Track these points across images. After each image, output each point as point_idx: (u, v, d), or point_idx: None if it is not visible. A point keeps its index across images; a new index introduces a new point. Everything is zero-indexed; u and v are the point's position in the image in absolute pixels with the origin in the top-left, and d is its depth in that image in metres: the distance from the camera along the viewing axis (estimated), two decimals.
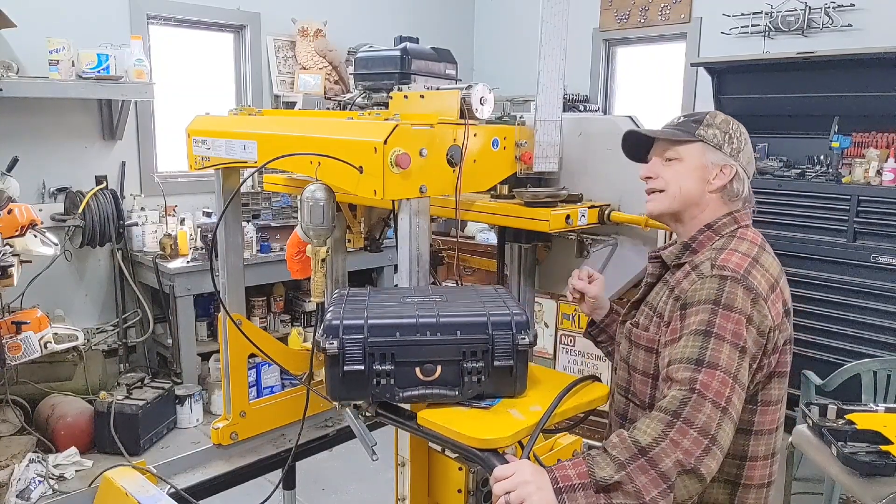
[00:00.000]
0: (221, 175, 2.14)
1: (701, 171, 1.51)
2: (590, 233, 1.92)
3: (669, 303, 1.45)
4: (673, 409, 1.24)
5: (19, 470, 3.20)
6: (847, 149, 3.99)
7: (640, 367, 1.52)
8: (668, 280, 1.52)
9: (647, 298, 1.57)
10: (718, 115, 1.56)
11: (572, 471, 1.24)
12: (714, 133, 1.52)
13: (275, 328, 4.81)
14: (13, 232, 3.16)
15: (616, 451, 1.24)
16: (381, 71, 2.05)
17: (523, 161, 1.86)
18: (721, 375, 1.26)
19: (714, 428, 1.22)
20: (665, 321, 1.45)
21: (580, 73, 5.70)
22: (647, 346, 1.49)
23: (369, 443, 1.61)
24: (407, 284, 1.66)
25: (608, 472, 1.21)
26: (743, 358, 1.31)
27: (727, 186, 1.51)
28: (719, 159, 1.51)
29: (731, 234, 1.50)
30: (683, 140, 1.52)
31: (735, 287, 1.35)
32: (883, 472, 2.31)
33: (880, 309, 3.65)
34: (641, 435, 1.23)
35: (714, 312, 1.33)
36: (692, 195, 1.52)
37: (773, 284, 1.42)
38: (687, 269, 1.47)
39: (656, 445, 1.21)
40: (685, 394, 1.25)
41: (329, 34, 5.25)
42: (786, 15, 4.57)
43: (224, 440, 2.17)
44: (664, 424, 1.23)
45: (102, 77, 3.94)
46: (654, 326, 1.49)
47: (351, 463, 3.43)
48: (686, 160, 1.52)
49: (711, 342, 1.30)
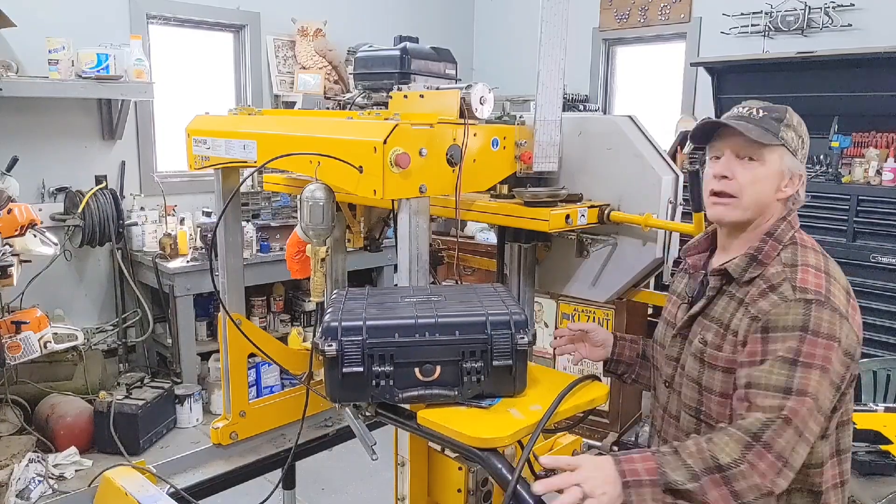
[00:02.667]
0: (221, 175, 2.14)
1: (777, 178, 1.43)
2: (589, 232, 1.91)
3: (745, 321, 1.38)
4: (754, 432, 1.25)
5: (19, 470, 3.20)
6: (847, 148, 3.99)
7: (717, 389, 1.43)
8: (734, 294, 1.44)
9: (711, 313, 1.48)
10: (793, 113, 1.46)
11: (640, 465, 1.25)
12: (792, 136, 1.43)
13: (274, 328, 4.82)
14: (13, 231, 3.16)
15: (692, 459, 1.25)
16: (380, 71, 2.05)
17: (523, 161, 1.86)
18: (809, 402, 1.27)
19: (790, 453, 1.25)
20: (740, 340, 1.39)
21: (580, 73, 5.70)
22: (726, 366, 1.41)
23: (369, 442, 1.61)
24: (406, 284, 1.66)
25: (681, 477, 1.23)
26: (831, 384, 1.30)
27: (794, 195, 1.45)
28: (795, 166, 1.43)
29: (791, 240, 1.44)
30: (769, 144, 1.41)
31: (820, 311, 1.31)
32: (883, 472, 2.31)
33: (880, 309, 3.65)
34: (720, 452, 1.24)
35: (802, 340, 1.30)
36: (765, 202, 1.44)
37: (847, 293, 1.39)
38: (762, 287, 1.39)
39: (735, 466, 1.23)
40: (769, 418, 1.26)
41: (329, 34, 5.25)
42: (785, 15, 4.57)
43: (224, 440, 2.17)
44: (743, 446, 1.24)
45: (102, 77, 3.94)
46: (728, 345, 1.41)
47: (351, 462, 3.43)
48: (767, 164, 1.42)
49: (799, 370, 1.28)
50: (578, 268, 1.99)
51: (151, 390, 3.86)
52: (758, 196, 1.42)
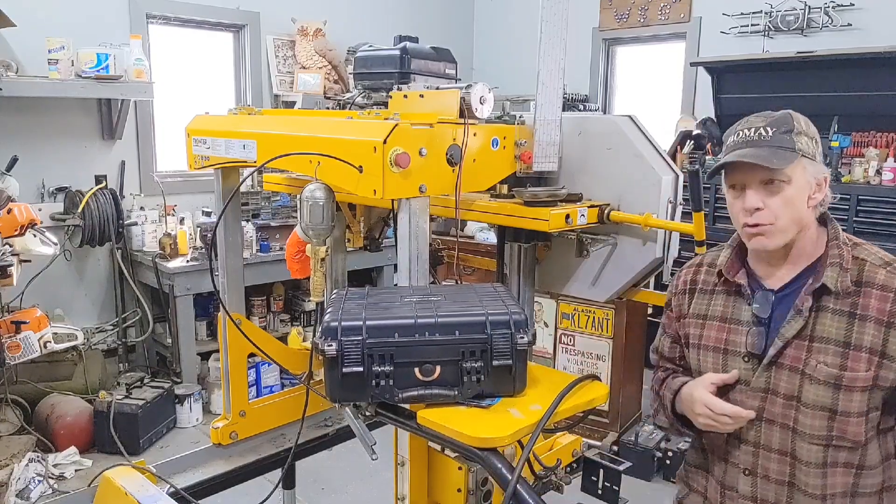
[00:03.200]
0: (221, 174, 2.14)
1: (807, 190, 1.37)
2: (589, 232, 1.92)
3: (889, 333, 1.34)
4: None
5: (19, 469, 3.19)
6: (847, 148, 3.99)
7: (855, 410, 1.36)
8: (839, 309, 1.37)
9: (815, 334, 1.39)
10: (797, 115, 1.40)
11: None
12: (806, 141, 1.37)
13: (274, 328, 4.81)
14: (13, 231, 3.16)
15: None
16: (380, 70, 2.05)
17: (523, 160, 1.86)
18: None
19: None
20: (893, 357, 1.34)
21: (580, 73, 5.70)
22: (863, 386, 1.36)
23: (369, 442, 1.61)
24: (406, 284, 1.66)
25: None
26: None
27: (822, 200, 1.40)
28: (818, 171, 1.38)
29: (845, 239, 1.43)
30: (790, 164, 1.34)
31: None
32: None
33: None
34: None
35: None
36: (801, 218, 1.38)
37: None
38: (883, 295, 1.35)
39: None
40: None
41: (329, 33, 5.25)
42: (785, 14, 4.57)
43: (224, 440, 2.17)
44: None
45: (102, 76, 3.94)
46: (862, 363, 1.35)
47: (350, 462, 3.43)
48: (794, 182, 1.36)
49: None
50: (578, 267, 1.99)
51: (151, 390, 3.86)
52: (793, 215, 1.37)
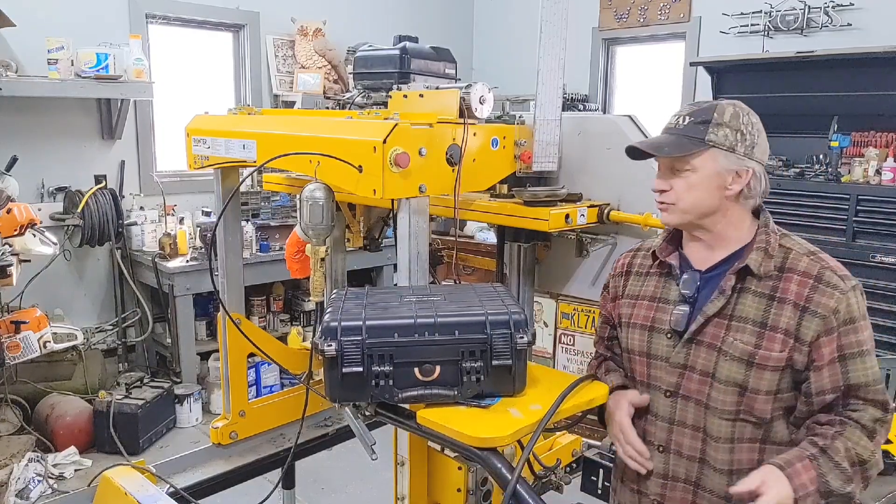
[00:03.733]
0: (221, 174, 2.14)
1: (716, 179, 1.42)
2: (589, 232, 1.92)
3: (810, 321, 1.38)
4: (872, 427, 1.38)
5: (18, 469, 3.19)
6: (846, 148, 3.99)
7: (763, 388, 1.40)
8: (759, 291, 1.42)
9: (735, 313, 1.44)
10: (727, 108, 1.43)
11: (805, 476, 1.34)
12: (725, 134, 1.41)
13: (274, 327, 4.81)
14: (12, 231, 3.16)
15: (845, 462, 1.35)
16: (380, 70, 2.05)
17: (523, 160, 1.86)
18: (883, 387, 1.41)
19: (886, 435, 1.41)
20: (807, 341, 1.38)
21: (580, 73, 5.70)
22: (775, 366, 1.39)
23: (369, 442, 1.61)
24: (406, 284, 1.66)
25: (839, 483, 1.34)
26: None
27: (744, 190, 1.43)
28: (734, 164, 1.41)
29: (776, 229, 1.50)
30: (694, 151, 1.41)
31: (861, 293, 1.43)
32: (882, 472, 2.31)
33: (879, 308, 3.65)
34: (862, 450, 1.36)
35: (866, 328, 1.41)
36: (709, 206, 1.44)
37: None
38: (805, 281, 1.40)
39: (870, 459, 1.37)
40: (881, 413, 1.39)
41: (328, 33, 5.25)
42: (785, 14, 4.57)
43: (223, 439, 2.17)
44: (872, 441, 1.38)
45: (101, 76, 3.94)
46: (776, 343, 1.39)
47: (350, 462, 3.43)
48: (699, 170, 1.42)
49: (872, 359, 1.40)
50: (578, 267, 1.99)
51: (151, 390, 3.86)
52: (696, 201, 1.44)
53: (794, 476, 1.32)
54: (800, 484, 1.32)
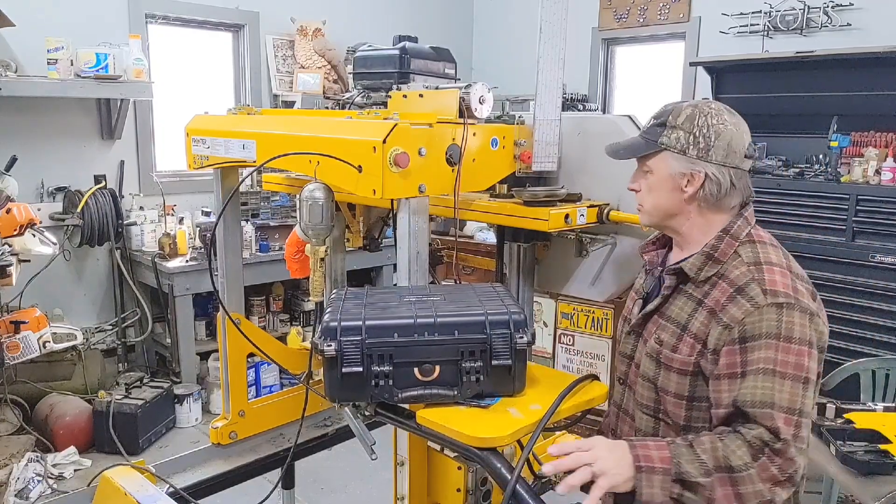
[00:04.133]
0: (220, 174, 2.14)
1: (670, 182, 1.43)
2: (589, 232, 1.91)
3: (716, 329, 1.36)
4: (758, 447, 1.26)
5: (18, 469, 3.19)
6: (846, 148, 3.99)
7: (671, 390, 1.43)
8: (693, 294, 1.43)
9: (667, 312, 1.47)
10: (683, 110, 1.43)
11: (655, 453, 1.28)
12: (678, 136, 1.41)
13: (274, 327, 4.81)
14: (12, 231, 3.16)
15: (706, 455, 1.27)
16: (380, 70, 2.05)
17: (522, 160, 1.86)
18: (787, 417, 1.27)
19: (793, 468, 1.26)
20: (710, 348, 1.36)
21: (579, 73, 5.70)
22: (681, 368, 1.41)
23: (368, 442, 1.61)
24: (406, 284, 1.66)
25: (694, 470, 1.26)
26: (806, 388, 1.30)
27: (700, 193, 1.41)
28: (684, 166, 1.41)
29: (748, 238, 1.43)
30: (648, 153, 1.45)
31: (791, 314, 1.31)
32: (881, 471, 2.31)
33: (879, 308, 3.65)
34: (732, 454, 1.26)
35: (777, 348, 1.30)
36: (668, 208, 1.46)
37: (812, 293, 1.40)
38: (728, 290, 1.37)
39: (744, 470, 1.25)
40: (770, 437, 1.26)
41: (328, 33, 5.25)
42: (784, 14, 4.57)
43: (223, 439, 2.17)
44: (751, 455, 1.26)
45: (101, 76, 3.94)
46: (686, 347, 1.40)
47: (350, 462, 3.43)
48: (655, 172, 1.45)
49: (776, 382, 1.29)
50: (578, 267, 1.99)
51: (150, 390, 3.86)
52: (655, 202, 1.47)
53: (641, 447, 1.28)
54: (644, 455, 1.26)
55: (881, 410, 2.61)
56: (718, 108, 1.43)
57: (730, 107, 1.48)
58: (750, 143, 1.43)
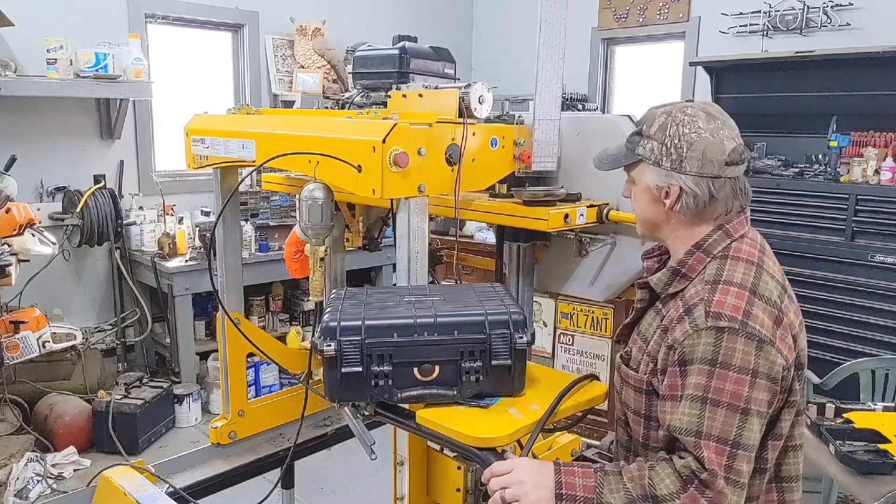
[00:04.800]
0: (220, 174, 2.14)
1: (649, 193, 1.38)
2: (588, 232, 1.92)
3: (662, 348, 1.32)
4: (686, 476, 1.20)
5: (17, 469, 3.19)
6: (845, 148, 3.99)
7: (631, 405, 1.42)
8: (660, 310, 1.39)
9: (640, 326, 1.45)
10: (657, 118, 1.35)
11: (580, 480, 1.24)
12: (652, 147, 1.34)
13: (273, 327, 4.81)
14: (11, 231, 3.16)
15: (631, 484, 1.22)
16: (379, 70, 2.05)
17: (522, 160, 1.86)
18: (718, 447, 1.20)
19: (725, 501, 1.19)
20: (659, 367, 1.32)
21: (579, 72, 5.70)
22: (636, 385, 1.39)
23: (368, 442, 1.61)
24: (405, 283, 1.66)
25: (617, 500, 1.21)
26: (745, 419, 1.21)
27: (676, 207, 1.35)
28: (661, 179, 1.34)
29: (723, 252, 1.33)
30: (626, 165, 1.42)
31: (733, 340, 1.22)
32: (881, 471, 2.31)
33: (879, 308, 3.65)
34: (659, 482, 1.21)
35: (710, 374, 1.22)
36: (652, 219, 1.41)
37: (777, 318, 1.27)
38: (679, 308, 1.31)
39: (669, 500, 1.19)
40: (697, 466, 1.20)
41: (327, 33, 5.25)
42: (784, 14, 4.57)
43: (223, 439, 2.17)
44: (679, 485, 1.20)
45: (100, 76, 3.94)
46: (644, 365, 1.37)
47: (349, 462, 3.43)
48: (638, 183, 1.40)
49: (707, 410, 1.21)
50: (577, 267, 1.99)
51: (150, 390, 3.86)
52: (640, 212, 1.44)
53: (566, 474, 1.24)
54: (567, 482, 1.23)
55: (881, 410, 2.60)
56: (694, 114, 1.32)
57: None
58: (735, 147, 1.31)
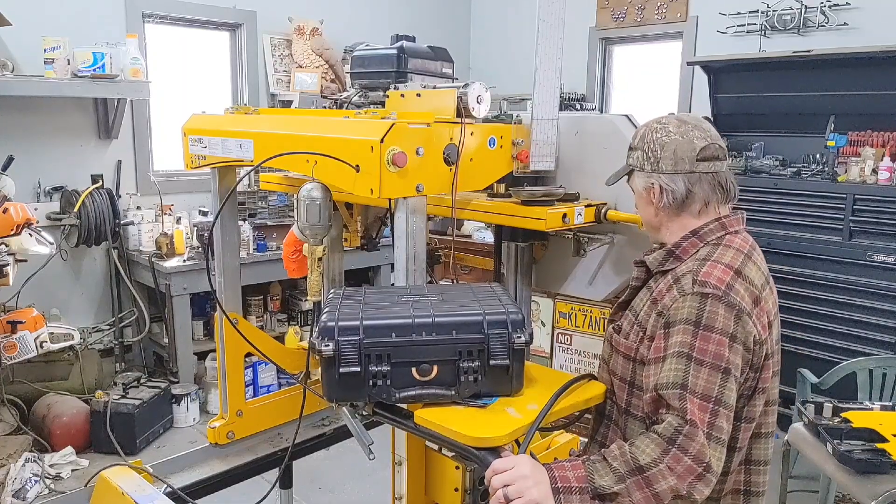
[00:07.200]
0: (218, 174, 2.13)
1: (645, 197, 1.54)
2: (586, 231, 1.92)
3: (652, 316, 1.44)
4: (668, 436, 1.28)
5: (15, 469, 3.19)
6: (843, 147, 3.99)
7: (618, 373, 1.52)
8: (651, 287, 1.50)
9: (632, 303, 1.56)
10: (639, 131, 1.54)
11: (571, 473, 1.30)
12: (637, 156, 1.53)
13: (271, 327, 4.81)
14: (8, 231, 3.15)
15: (616, 462, 1.29)
16: (377, 69, 2.04)
17: (520, 160, 1.86)
18: (702, 403, 1.29)
19: (707, 456, 1.27)
20: (648, 335, 1.44)
21: (577, 72, 5.70)
22: (625, 353, 1.50)
23: (366, 441, 1.61)
24: (403, 283, 1.66)
25: (607, 481, 1.28)
26: (726, 379, 1.31)
27: (660, 203, 1.50)
28: (646, 181, 1.52)
29: (716, 241, 1.47)
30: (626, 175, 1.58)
31: (716, 305, 1.33)
32: (878, 470, 2.32)
33: (876, 307, 3.66)
34: (640, 454, 1.29)
35: (695, 335, 1.33)
36: (651, 221, 1.57)
37: (756, 298, 1.39)
38: (669, 281, 1.44)
39: (654, 467, 1.27)
40: (679, 422, 1.29)
41: (325, 33, 5.24)
42: (782, 13, 4.57)
43: (221, 439, 2.17)
44: (661, 450, 1.28)
45: (98, 76, 3.93)
46: (634, 335, 1.49)
47: (348, 462, 3.43)
48: (635, 190, 1.58)
49: (692, 367, 1.31)
50: (575, 267, 1.99)
51: (148, 390, 3.85)
52: (642, 217, 1.60)
53: (558, 469, 1.30)
54: (561, 476, 1.29)
55: (878, 409, 2.61)
56: (666, 122, 1.50)
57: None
58: (706, 146, 1.46)
